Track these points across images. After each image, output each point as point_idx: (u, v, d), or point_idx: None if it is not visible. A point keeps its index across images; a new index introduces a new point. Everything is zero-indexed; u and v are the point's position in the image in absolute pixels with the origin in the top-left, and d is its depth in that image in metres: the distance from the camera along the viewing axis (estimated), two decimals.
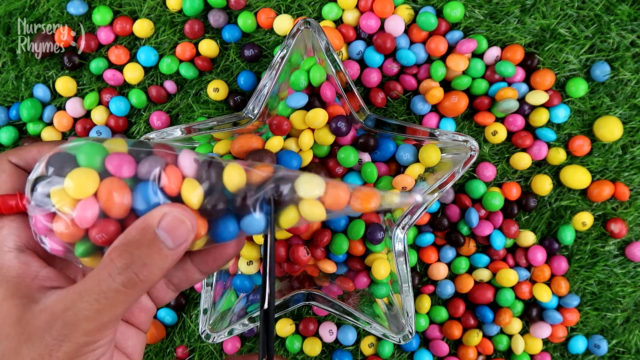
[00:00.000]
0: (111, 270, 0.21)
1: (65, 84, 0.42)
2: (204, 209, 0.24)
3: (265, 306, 0.26)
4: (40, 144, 0.26)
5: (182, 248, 0.23)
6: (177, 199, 0.23)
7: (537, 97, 0.40)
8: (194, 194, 0.23)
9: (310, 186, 0.25)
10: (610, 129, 0.41)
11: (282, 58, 0.35)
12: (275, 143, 0.36)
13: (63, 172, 0.22)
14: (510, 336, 0.43)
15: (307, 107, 0.38)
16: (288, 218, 0.25)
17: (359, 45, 0.41)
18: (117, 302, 0.22)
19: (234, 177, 0.24)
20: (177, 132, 0.36)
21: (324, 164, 0.39)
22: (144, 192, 0.23)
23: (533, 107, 0.41)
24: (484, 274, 0.42)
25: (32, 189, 0.23)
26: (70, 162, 0.23)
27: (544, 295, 0.42)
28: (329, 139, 0.37)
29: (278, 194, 0.24)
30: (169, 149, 0.24)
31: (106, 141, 0.24)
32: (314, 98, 0.38)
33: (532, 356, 0.43)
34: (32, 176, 0.23)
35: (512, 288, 0.43)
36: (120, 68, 0.42)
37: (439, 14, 0.41)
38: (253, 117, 0.36)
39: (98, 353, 0.22)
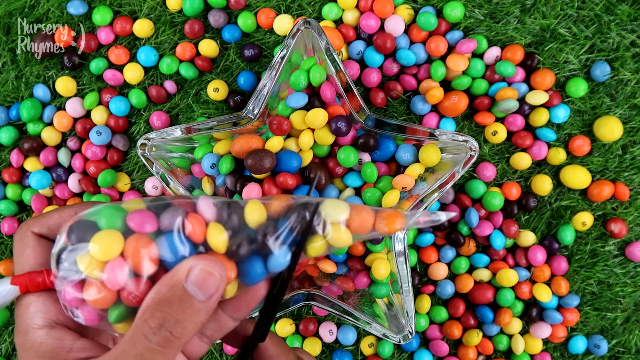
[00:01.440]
0: (145, 330, 0.21)
1: (65, 84, 0.42)
2: (231, 252, 0.24)
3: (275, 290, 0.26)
4: (61, 209, 0.25)
5: (214, 300, 0.22)
6: (203, 245, 0.23)
7: (537, 97, 0.40)
8: (220, 237, 0.23)
9: (335, 210, 0.24)
10: (610, 129, 0.41)
11: (282, 58, 0.35)
12: (275, 143, 0.36)
13: (86, 238, 0.22)
14: (510, 336, 0.43)
15: (307, 107, 0.38)
16: (315, 246, 0.25)
17: (359, 45, 0.41)
18: None
19: (255, 213, 0.24)
20: (177, 132, 0.36)
21: (324, 164, 0.39)
22: (170, 243, 0.23)
23: (533, 107, 0.41)
24: (484, 274, 0.42)
25: (58, 261, 0.23)
26: (91, 227, 0.23)
27: (544, 295, 0.42)
28: (329, 139, 0.37)
29: (304, 220, 0.24)
30: (186, 198, 0.24)
31: (123, 203, 0.24)
32: (314, 98, 0.38)
33: (532, 356, 0.43)
34: (55, 249, 0.23)
35: (512, 288, 0.43)
36: (120, 68, 0.42)
37: (439, 14, 0.41)
38: (253, 117, 0.36)
39: None
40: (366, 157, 0.39)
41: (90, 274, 0.22)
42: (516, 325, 0.43)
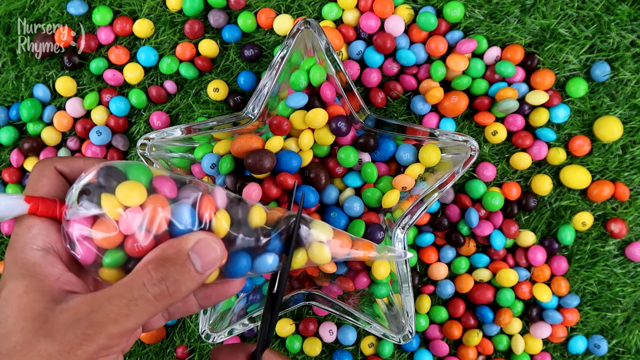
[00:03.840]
0: (147, 279, 0.23)
1: (65, 84, 0.42)
2: (228, 240, 0.26)
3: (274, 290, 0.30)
4: (85, 157, 0.27)
5: (207, 274, 0.24)
6: (207, 225, 0.26)
7: (537, 97, 0.40)
8: (225, 223, 0.26)
9: (322, 231, 0.29)
10: (610, 129, 0.41)
11: (282, 58, 0.35)
12: (275, 143, 0.36)
13: (114, 182, 0.24)
14: (510, 336, 0.43)
15: (307, 107, 0.38)
16: (297, 259, 0.29)
17: (359, 45, 0.41)
18: (144, 311, 0.23)
19: (257, 216, 0.28)
20: (177, 132, 0.36)
21: (324, 164, 0.39)
22: (184, 213, 0.25)
23: (533, 107, 0.41)
24: (484, 274, 0.42)
25: (82, 193, 0.24)
26: (120, 175, 0.25)
27: (544, 295, 0.42)
28: (329, 139, 0.37)
29: (294, 233, 0.28)
30: (203, 182, 0.27)
31: (150, 167, 0.26)
32: (314, 98, 0.38)
33: (532, 356, 0.43)
34: (81, 182, 0.24)
35: (512, 288, 0.43)
36: (120, 68, 0.42)
37: (439, 14, 0.41)
38: (253, 117, 0.36)
39: (111, 359, 0.23)
40: (366, 157, 0.39)
41: (110, 213, 0.24)
42: (516, 325, 0.43)
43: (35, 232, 0.24)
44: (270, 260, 0.28)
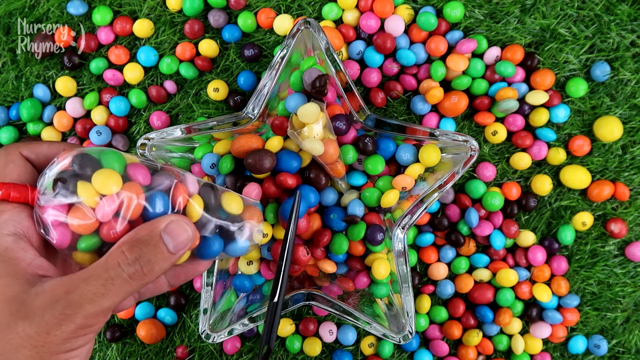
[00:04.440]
0: (122, 260, 0.24)
1: (65, 84, 0.42)
2: (200, 224, 0.28)
3: (275, 299, 0.32)
4: (50, 142, 0.28)
5: (179, 254, 0.25)
6: (180, 212, 0.27)
7: (537, 97, 0.40)
8: (198, 207, 0.27)
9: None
10: (610, 129, 0.41)
11: (282, 58, 0.35)
12: (275, 143, 0.36)
13: (89, 170, 0.25)
14: (510, 336, 0.43)
15: None
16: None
17: (359, 45, 0.41)
18: (120, 291, 0.23)
19: (233, 204, 0.30)
20: (177, 132, 0.36)
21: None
22: (157, 199, 0.26)
23: (533, 107, 0.41)
24: (484, 274, 0.42)
25: (56, 181, 0.24)
26: (95, 163, 0.25)
27: (544, 295, 0.42)
28: None
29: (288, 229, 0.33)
30: (173, 168, 0.28)
31: (123, 153, 0.27)
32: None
33: (532, 356, 0.43)
34: (53, 171, 0.25)
35: (512, 288, 0.43)
36: (120, 68, 0.42)
37: (439, 14, 0.41)
38: (253, 117, 0.36)
39: (87, 338, 0.24)
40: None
41: (87, 201, 0.24)
42: (516, 325, 0.43)
43: (6, 218, 0.24)
44: (241, 244, 0.30)
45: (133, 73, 0.42)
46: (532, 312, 0.43)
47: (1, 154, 0.26)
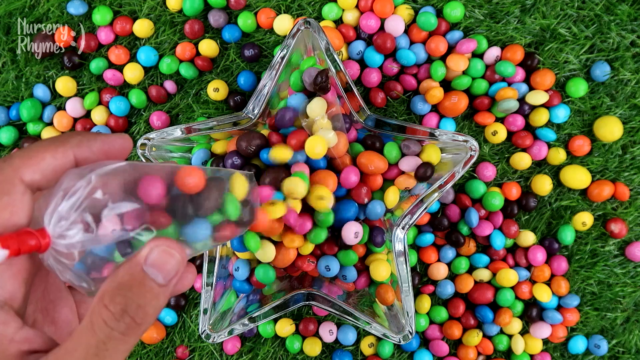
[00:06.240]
0: (106, 316, 0.19)
1: (65, 84, 0.42)
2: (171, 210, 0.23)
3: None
4: (52, 149, 0.21)
5: (173, 283, 0.21)
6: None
7: (537, 97, 0.40)
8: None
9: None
10: (610, 129, 0.41)
11: (282, 58, 0.35)
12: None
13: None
14: (510, 336, 0.43)
15: None
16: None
17: (359, 45, 0.41)
18: (117, 352, 0.20)
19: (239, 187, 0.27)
20: (177, 132, 0.36)
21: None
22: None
23: (533, 107, 0.41)
24: (484, 274, 0.42)
25: (97, 218, 0.20)
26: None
27: (544, 295, 0.42)
28: None
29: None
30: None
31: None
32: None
33: (532, 356, 0.43)
34: (77, 200, 0.19)
35: (512, 288, 0.43)
36: (120, 68, 0.42)
37: (439, 14, 0.41)
38: (253, 117, 0.36)
39: None
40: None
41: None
42: (516, 325, 0.43)
43: None
44: (206, 231, 0.25)
45: (133, 73, 0.42)
46: (532, 312, 0.43)
47: None
